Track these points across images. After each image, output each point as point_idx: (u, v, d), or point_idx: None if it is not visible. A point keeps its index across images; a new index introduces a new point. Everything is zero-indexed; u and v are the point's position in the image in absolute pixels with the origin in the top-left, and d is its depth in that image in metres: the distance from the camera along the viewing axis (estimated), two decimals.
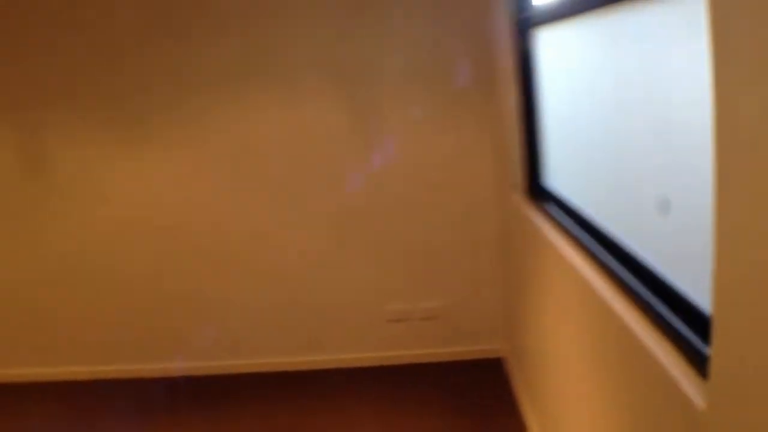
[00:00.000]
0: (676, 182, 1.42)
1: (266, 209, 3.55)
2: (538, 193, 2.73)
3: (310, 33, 3.34)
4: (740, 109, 0.89)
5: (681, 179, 1.38)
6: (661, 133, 1.47)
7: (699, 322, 1.24)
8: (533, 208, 2.64)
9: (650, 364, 1.32)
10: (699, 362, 1.17)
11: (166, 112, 3.46)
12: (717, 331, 1.01)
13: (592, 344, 1.80)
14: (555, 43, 2.40)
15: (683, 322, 1.31)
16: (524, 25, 2.67)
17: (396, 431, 2.93)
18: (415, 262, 3.59)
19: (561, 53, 2.36)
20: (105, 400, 3.52)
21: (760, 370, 0.87)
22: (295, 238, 3.58)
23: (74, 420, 3.32)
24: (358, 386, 3.44)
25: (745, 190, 0.89)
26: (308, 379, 3.57)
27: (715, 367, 1.03)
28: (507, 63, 2.84)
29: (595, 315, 1.76)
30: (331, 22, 3.33)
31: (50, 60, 3.42)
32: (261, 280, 3.62)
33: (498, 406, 3.09)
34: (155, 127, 3.48)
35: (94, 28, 3.37)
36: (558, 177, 2.54)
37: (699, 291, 1.27)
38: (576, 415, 2.05)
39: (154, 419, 3.26)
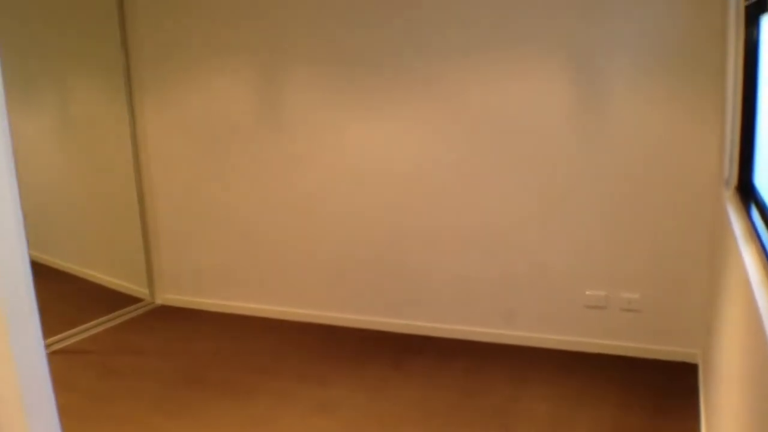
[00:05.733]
0: None
1: (479, 177, 3.69)
2: (748, 193, 2.49)
3: (551, 14, 3.37)
4: None
5: None
6: None
7: None
8: (737, 209, 2.42)
9: None
10: None
11: (399, 77, 3.76)
12: None
13: (747, 380, 1.67)
14: None
15: None
16: (756, 10, 2.41)
17: (564, 418, 2.92)
18: (622, 249, 3.49)
19: None
20: (316, 341, 4.04)
21: None
22: (504, 210, 3.68)
23: (288, 354, 3.82)
24: (543, 366, 3.49)
25: None
26: (496, 351, 3.70)
27: None
28: (732, 50, 2.60)
29: (755, 352, 1.62)
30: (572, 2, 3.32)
31: (295, 13, 3.88)
32: (465, 249, 3.81)
33: (676, 413, 2.93)
34: (386, 88, 3.79)
35: None
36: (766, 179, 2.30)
37: None
38: None
39: (367, 363, 3.65)
